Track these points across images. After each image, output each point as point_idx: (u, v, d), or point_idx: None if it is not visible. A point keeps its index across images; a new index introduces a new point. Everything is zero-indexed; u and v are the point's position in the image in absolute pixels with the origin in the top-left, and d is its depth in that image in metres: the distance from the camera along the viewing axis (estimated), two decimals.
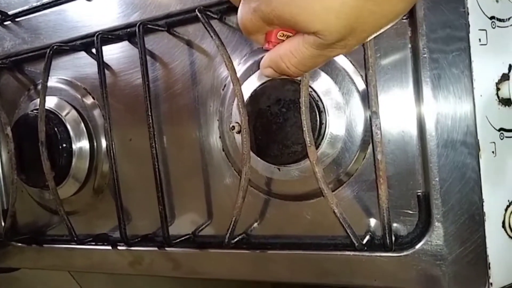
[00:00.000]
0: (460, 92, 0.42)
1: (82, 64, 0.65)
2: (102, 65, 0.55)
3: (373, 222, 0.48)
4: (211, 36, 0.47)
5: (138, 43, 0.52)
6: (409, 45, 0.44)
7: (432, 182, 0.44)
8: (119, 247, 0.61)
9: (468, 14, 0.41)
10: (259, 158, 0.49)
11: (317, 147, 0.47)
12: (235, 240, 0.52)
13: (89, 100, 0.64)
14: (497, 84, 0.44)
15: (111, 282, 0.87)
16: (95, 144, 0.64)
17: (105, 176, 0.65)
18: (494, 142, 0.44)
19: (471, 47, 0.42)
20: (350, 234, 0.43)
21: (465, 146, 0.42)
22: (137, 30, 0.52)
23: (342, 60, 0.47)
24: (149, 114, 0.52)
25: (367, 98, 0.41)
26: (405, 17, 0.44)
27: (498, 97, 0.44)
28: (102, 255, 0.63)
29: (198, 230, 0.59)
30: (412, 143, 0.45)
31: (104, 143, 0.64)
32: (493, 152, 0.44)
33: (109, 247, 0.62)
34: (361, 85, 0.46)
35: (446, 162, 0.43)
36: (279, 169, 0.49)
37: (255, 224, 0.54)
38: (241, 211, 0.49)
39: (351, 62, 0.47)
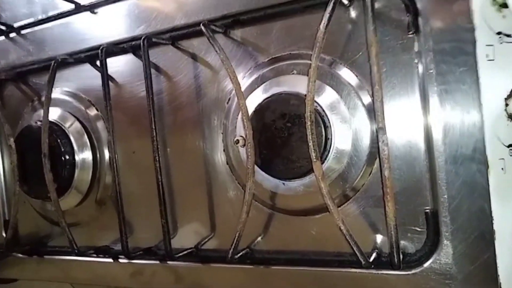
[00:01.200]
0: (468, 108, 0.42)
1: (87, 76, 0.64)
2: (106, 78, 0.55)
3: (380, 238, 0.47)
4: (216, 50, 0.47)
5: (143, 57, 0.52)
6: (415, 60, 0.44)
7: (440, 199, 0.43)
8: (120, 260, 0.60)
9: (474, 29, 0.41)
10: (263, 172, 0.49)
11: (322, 162, 0.46)
12: (239, 255, 0.51)
13: (92, 112, 0.64)
14: (505, 99, 0.44)
15: None
16: (98, 156, 0.63)
17: (108, 188, 0.65)
18: (503, 159, 0.43)
19: (479, 62, 0.41)
20: (356, 251, 0.43)
21: (474, 163, 0.42)
22: (141, 43, 0.52)
23: (347, 74, 0.47)
24: (153, 127, 0.52)
25: (374, 114, 0.41)
26: (411, 32, 0.44)
27: (507, 112, 0.44)
28: (103, 268, 0.63)
29: (201, 244, 0.58)
30: (420, 159, 0.44)
31: (107, 155, 0.64)
32: (502, 168, 0.43)
33: (111, 260, 0.62)
34: (367, 99, 0.46)
35: (455, 179, 0.42)
36: (283, 183, 0.49)
37: (259, 239, 0.54)
38: (247, 219, 0.48)
39: (356, 76, 0.47)
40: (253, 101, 0.51)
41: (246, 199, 0.46)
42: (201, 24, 0.50)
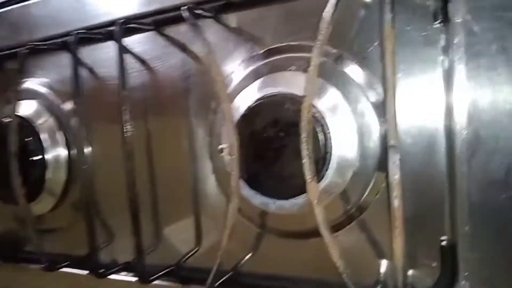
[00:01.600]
0: (507, 123, 0.33)
1: (63, 65, 0.57)
2: (76, 68, 0.48)
3: (385, 267, 0.40)
4: (198, 40, 0.39)
5: (117, 45, 0.44)
6: (441, 57, 0.35)
7: (460, 229, 0.35)
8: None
9: None
10: None
11: (322, 177, 0.38)
12: (221, 280, 0.44)
13: (68, 106, 0.56)
14: None
15: None
16: (73, 155, 0.57)
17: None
18: None
19: None
20: None
21: (506, 188, 0.33)
22: (115, 29, 0.44)
23: (356, 72, 0.39)
24: (125, 129, 0.44)
25: (385, 129, 0.32)
26: (438, 21, 0.35)
27: None
28: (76, 281, 0.56)
29: (183, 260, 0.51)
30: (440, 179, 0.36)
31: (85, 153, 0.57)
32: None
33: (85, 272, 0.55)
34: (377, 102, 0.38)
35: (481, 207, 0.34)
36: (274, 202, 0.41)
37: (246, 260, 0.46)
38: (227, 248, 0.41)
39: (367, 75, 0.38)
40: (244, 101, 0.43)
41: (228, 222, 0.39)
42: (183, 7, 0.42)
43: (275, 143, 0.38)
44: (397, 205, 0.32)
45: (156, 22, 0.49)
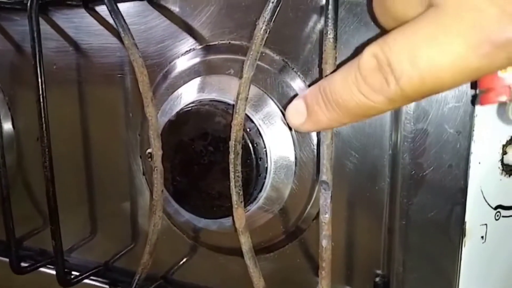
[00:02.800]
0: (451, 157, 0.30)
1: None
2: None
3: None
4: (118, 31, 0.33)
5: (29, 22, 0.38)
6: None
7: (395, 267, 0.33)
8: None
9: None
10: None
11: (253, 199, 0.35)
12: None
13: None
14: (504, 146, 0.32)
15: None
16: None
17: (12, 169, 0.53)
18: (485, 224, 0.33)
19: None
20: None
21: (445, 230, 0.31)
22: (29, 2, 0.38)
23: (299, 86, 0.34)
24: (43, 118, 0.39)
25: (316, 161, 0.29)
26: None
27: (502, 164, 0.32)
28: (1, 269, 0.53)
29: (114, 259, 0.48)
30: (379, 212, 0.33)
31: (7, 133, 0.51)
32: (482, 237, 0.33)
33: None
34: None
35: (417, 246, 0.32)
36: (201, 220, 0.38)
37: (176, 269, 0.43)
38: (151, 261, 0.38)
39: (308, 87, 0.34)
40: (177, 101, 0.38)
41: (149, 238, 0.36)
42: None
43: (203, 158, 0.34)
44: (325, 245, 0.29)
45: None
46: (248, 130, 0.33)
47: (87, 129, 0.47)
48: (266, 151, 0.34)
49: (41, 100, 0.39)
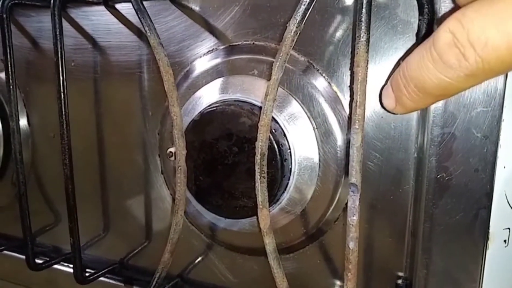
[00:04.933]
0: (477, 162, 0.30)
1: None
2: (7, 40, 0.41)
3: None
4: (144, 29, 0.33)
5: (52, 19, 0.38)
6: None
7: (418, 270, 0.33)
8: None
9: None
10: None
11: (277, 200, 0.35)
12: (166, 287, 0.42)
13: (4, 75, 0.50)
14: None
15: None
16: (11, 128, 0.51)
17: (28, 167, 0.53)
18: (508, 228, 0.33)
19: (506, 99, 0.29)
20: None
21: (470, 233, 0.31)
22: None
23: (324, 87, 0.34)
24: (63, 116, 0.39)
25: (346, 163, 0.29)
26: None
27: None
28: (14, 265, 0.53)
29: (129, 257, 0.48)
30: (402, 215, 0.33)
31: (22, 126, 0.51)
32: (505, 241, 0.33)
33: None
34: (344, 122, 0.34)
35: (440, 249, 0.32)
36: (224, 220, 0.38)
37: (193, 268, 0.43)
38: (171, 260, 0.38)
39: (335, 92, 0.34)
40: (199, 101, 0.38)
41: (171, 236, 0.36)
42: None
43: (227, 158, 0.34)
44: (352, 247, 0.29)
45: None
46: (273, 131, 0.33)
47: (103, 127, 0.47)
48: (290, 152, 0.34)
49: (62, 98, 0.38)
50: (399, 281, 0.34)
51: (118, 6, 0.43)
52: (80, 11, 0.45)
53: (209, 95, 0.37)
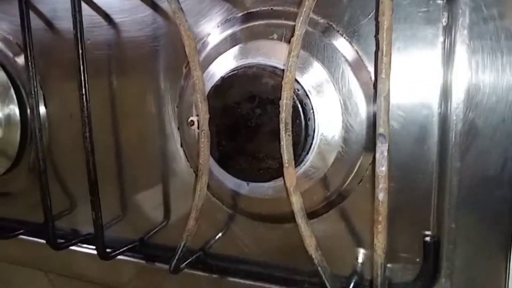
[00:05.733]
0: (504, 111, 0.30)
1: (16, 12, 0.50)
2: (25, 18, 0.42)
3: (363, 257, 0.38)
4: None
5: None
6: (442, 38, 0.31)
7: (446, 226, 0.33)
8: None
9: None
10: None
11: (300, 162, 0.35)
12: (188, 261, 0.41)
13: (22, 60, 0.50)
14: None
15: None
16: (29, 113, 0.51)
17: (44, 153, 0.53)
18: None
19: None
20: (329, 286, 0.33)
21: (499, 184, 0.31)
22: None
23: (344, 47, 0.34)
24: (84, 93, 0.39)
25: (374, 116, 0.29)
26: None
27: None
28: (37, 250, 0.53)
29: (149, 235, 0.48)
30: (428, 171, 0.33)
31: (41, 112, 0.51)
32: None
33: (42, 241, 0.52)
34: (366, 81, 0.34)
35: (471, 204, 0.32)
36: (247, 184, 0.38)
37: (216, 241, 0.43)
38: (196, 227, 0.38)
39: (356, 51, 0.34)
40: (218, 69, 0.38)
41: (195, 204, 0.36)
42: None
43: (250, 121, 0.34)
44: (381, 198, 0.29)
45: None
46: (296, 90, 0.33)
47: (119, 103, 0.47)
48: (313, 112, 0.34)
49: (82, 70, 0.39)
50: (427, 239, 0.34)
51: None
52: None
53: (228, 62, 0.37)
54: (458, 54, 0.30)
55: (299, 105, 0.33)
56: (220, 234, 0.43)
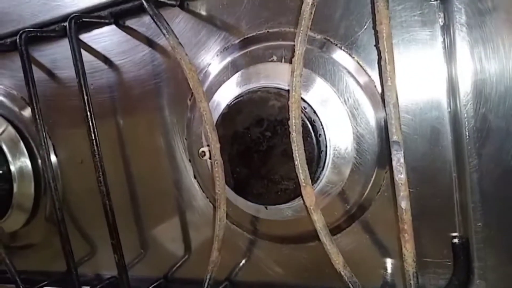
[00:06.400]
0: None
1: (18, 67, 0.51)
2: (27, 71, 0.42)
3: (391, 268, 0.37)
4: (163, 33, 0.34)
5: (70, 44, 0.39)
6: (441, 38, 0.31)
7: (473, 224, 0.32)
8: None
9: None
10: None
11: (317, 178, 0.35)
12: None
13: (28, 113, 0.51)
14: None
15: None
16: (40, 163, 0.51)
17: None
18: None
19: None
20: None
21: None
22: (67, 26, 0.39)
23: (344, 59, 0.35)
24: (94, 137, 0.39)
25: (385, 124, 0.29)
26: None
27: None
28: None
29: (172, 271, 0.47)
30: (446, 172, 0.33)
31: (52, 162, 0.52)
32: None
33: None
34: (371, 90, 0.34)
35: (494, 199, 0.31)
36: (266, 207, 0.37)
37: (240, 268, 0.43)
38: (220, 258, 0.38)
39: (357, 62, 0.34)
40: (223, 97, 0.38)
41: (216, 233, 0.35)
42: None
43: (261, 145, 0.34)
44: (404, 206, 0.29)
45: (114, 14, 0.43)
46: (303, 109, 0.33)
47: (128, 144, 0.47)
48: (323, 127, 0.34)
49: (89, 116, 0.39)
50: (455, 240, 0.33)
51: (128, 23, 0.44)
52: (92, 35, 0.46)
53: (232, 89, 0.38)
54: (460, 50, 0.30)
55: (308, 123, 0.33)
56: (243, 261, 0.42)
